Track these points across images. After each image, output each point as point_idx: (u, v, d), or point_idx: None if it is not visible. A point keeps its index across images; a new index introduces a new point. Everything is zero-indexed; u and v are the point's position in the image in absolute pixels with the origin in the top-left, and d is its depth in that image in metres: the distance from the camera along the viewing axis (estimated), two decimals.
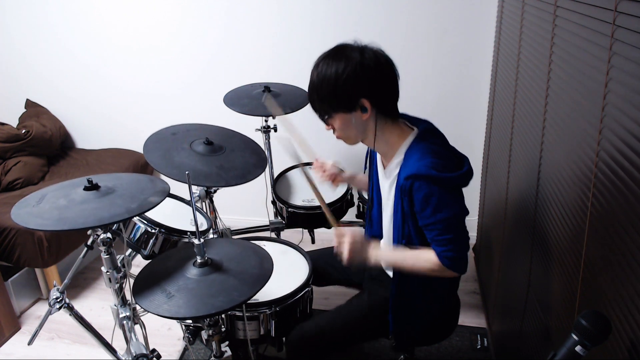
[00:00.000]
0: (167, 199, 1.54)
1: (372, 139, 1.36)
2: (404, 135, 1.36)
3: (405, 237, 1.36)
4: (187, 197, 1.91)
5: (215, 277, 1.23)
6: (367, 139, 1.38)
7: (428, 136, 1.35)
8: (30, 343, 1.67)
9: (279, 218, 2.26)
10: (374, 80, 1.27)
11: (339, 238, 1.38)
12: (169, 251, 1.58)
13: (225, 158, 1.71)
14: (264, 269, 1.28)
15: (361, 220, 2.29)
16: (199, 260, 1.25)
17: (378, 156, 1.48)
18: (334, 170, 1.69)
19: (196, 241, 1.23)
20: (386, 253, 1.45)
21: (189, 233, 1.70)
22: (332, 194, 2.10)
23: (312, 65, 1.32)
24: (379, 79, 1.28)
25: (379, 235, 1.55)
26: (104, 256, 1.45)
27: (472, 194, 2.69)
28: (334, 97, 1.29)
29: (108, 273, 1.47)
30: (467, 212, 1.32)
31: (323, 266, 1.72)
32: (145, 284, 1.22)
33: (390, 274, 1.50)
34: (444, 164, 1.27)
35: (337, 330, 1.53)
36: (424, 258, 1.32)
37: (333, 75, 1.26)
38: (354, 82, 1.26)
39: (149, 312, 1.15)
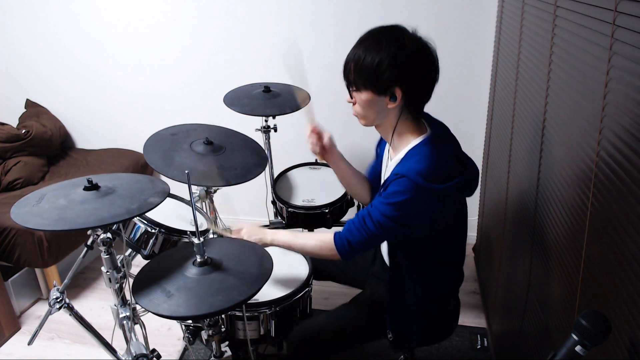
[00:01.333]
0: (167, 199, 1.54)
1: (388, 128, 1.34)
2: (417, 134, 1.34)
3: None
4: (187, 197, 1.91)
5: (214, 277, 1.23)
6: (382, 125, 1.36)
7: (437, 141, 1.32)
8: (30, 343, 1.67)
9: (279, 218, 2.26)
10: (416, 75, 1.25)
11: (236, 232, 1.48)
12: (168, 250, 1.58)
13: (226, 158, 1.71)
14: (263, 269, 1.27)
15: None
16: (198, 260, 1.25)
17: (386, 150, 1.47)
18: (328, 142, 1.61)
19: (196, 240, 1.23)
20: (282, 232, 1.48)
21: (189, 233, 1.70)
22: (332, 194, 2.10)
23: (362, 33, 1.28)
24: (421, 76, 1.26)
25: None
26: (104, 256, 1.45)
27: None
28: (370, 74, 1.25)
29: (108, 273, 1.47)
30: (425, 231, 1.31)
31: (323, 262, 1.72)
32: (145, 283, 1.22)
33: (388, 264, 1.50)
34: (437, 174, 1.23)
35: (337, 330, 1.53)
36: (318, 236, 1.36)
37: (378, 56, 1.22)
38: (396, 70, 1.23)
39: (148, 311, 1.15)
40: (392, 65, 1.22)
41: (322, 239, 1.38)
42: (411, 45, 1.23)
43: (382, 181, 1.47)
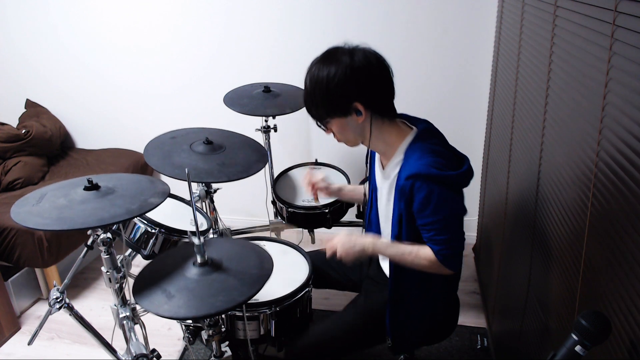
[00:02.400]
0: (168, 199, 1.54)
1: (371, 140, 1.35)
2: (402, 135, 1.35)
3: (400, 238, 1.36)
4: (188, 197, 1.91)
5: (215, 277, 1.23)
6: (366, 140, 1.37)
7: (427, 136, 1.35)
8: (30, 343, 1.67)
9: (279, 218, 2.26)
10: (365, 82, 1.26)
11: (328, 245, 1.40)
12: (168, 251, 1.58)
13: (226, 156, 1.71)
14: (264, 269, 1.28)
15: (361, 220, 2.29)
16: (198, 260, 1.25)
17: (377, 158, 1.48)
18: (321, 184, 1.68)
19: (196, 241, 1.23)
20: (385, 243, 1.40)
21: (189, 233, 1.70)
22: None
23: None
24: (370, 80, 1.27)
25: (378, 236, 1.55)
26: (104, 256, 1.45)
27: (472, 194, 2.68)
28: (327, 102, 1.29)
29: (108, 273, 1.47)
30: (465, 212, 1.32)
31: (322, 267, 1.72)
32: (145, 284, 1.22)
33: (387, 271, 1.50)
34: (444, 162, 1.27)
35: (336, 339, 1.53)
36: (423, 254, 1.32)
37: (324, 80, 1.25)
38: (344, 86, 1.25)
39: (149, 312, 1.15)
40: (339, 85, 1.25)
41: (429, 259, 1.32)
42: (346, 58, 1.25)
43: (386, 187, 1.46)
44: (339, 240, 1.38)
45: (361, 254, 1.38)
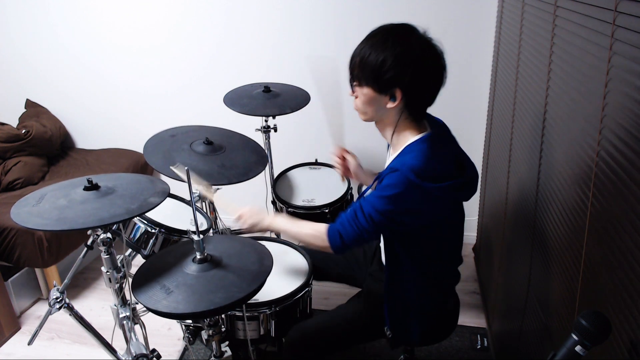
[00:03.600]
0: (167, 199, 1.54)
1: (387, 126, 1.34)
2: (416, 132, 1.33)
3: (393, 242, 1.37)
4: (188, 198, 1.91)
5: (214, 274, 1.22)
6: (381, 123, 1.36)
7: (435, 140, 1.31)
8: (30, 343, 1.67)
9: None
10: (419, 78, 1.24)
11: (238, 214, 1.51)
12: (168, 247, 1.58)
13: (226, 157, 1.71)
14: (263, 266, 1.27)
15: None
16: (198, 256, 1.24)
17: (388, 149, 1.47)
18: (353, 164, 1.67)
19: (195, 237, 1.23)
20: (281, 218, 1.50)
21: (189, 233, 1.70)
22: (332, 194, 2.10)
23: (372, 28, 1.28)
24: (424, 80, 1.25)
25: None
26: (104, 256, 1.45)
27: None
28: (373, 72, 1.25)
29: (108, 273, 1.47)
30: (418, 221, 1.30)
31: (323, 260, 1.72)
32: (144, 280, 1.22)
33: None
34: (431, 173, 1.22)
35: (335, 329, 1.52)
36: (314, 226, 1.37)
37: (383, 54, 1.22)
38: (399, 70, 1.22)
39: (147, 307, 1.15)
40: (395, 66, 1.22)
41: (318, 228, 1.37)
42: (417, 46, 1.23)
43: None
44: (245, 210, 1.50)
45: (256, 222, 1.49)
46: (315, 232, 1.36)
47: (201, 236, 1.23)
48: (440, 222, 1.36)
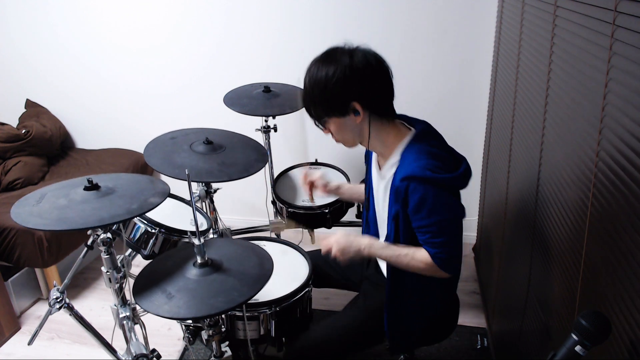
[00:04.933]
0: (168, 199, 1.54)
1: (372, 140, 1.35)
2: (400, 136, 1.35)
3: (396, 239, 1.36)
4: (188, 197, 1.91)
5: (215, 278, 1.23)
6: (364, 140, 1.37)
7: (425, 137, 1.35)
8: (30, 343, 1.67)
9: (279, 218, 2.26)
10: (364, 82, 1.26)
11: (323, 242, 1.39)
12: (169, 251, 1.58)
13: (226, 155, 1.71)
14: (264, 269, 1.28)
15: (360, 220, 2.29)
16: (199, 261, 1.25)
17: (374, 158, 1.48)
18: (319, 182, 1.67)
19: (196, 241, 1.23)
20: (381, 244, 1.40)
21: (189, 233, 1.70)
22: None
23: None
24: (369, 81, 1.27)
25: (376, 237, 1.55)
26: (104, 256, 1.45)
27: (472, 194, 2.68)
28: (325, 101, 1.29)
29: (108, 273, 1.47)
30: (463, 214, 1.32)
31: (322, 266, 1.72)
32: (146, 285, 1.22)
33: (385, 272, 1.50)
34: (439, 165, 1.26)
35: (335, 340, 1.52)
36: (419, 256, 1.32)
37: (323, 80, 1.26)
38: (343, 86, 1.25)
39: (149, 312, 1.15)
40: (338, 85, 1.25)
41: (424, 260, 1.32)
42: (346, 57, 1.26)
43: (382, 188, 1.46)
44: (336, 239, 1.38)
45: (356, 255, 1.37)
46: (427, 265, 1.31)
47: (202, 240, 1.23)
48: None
